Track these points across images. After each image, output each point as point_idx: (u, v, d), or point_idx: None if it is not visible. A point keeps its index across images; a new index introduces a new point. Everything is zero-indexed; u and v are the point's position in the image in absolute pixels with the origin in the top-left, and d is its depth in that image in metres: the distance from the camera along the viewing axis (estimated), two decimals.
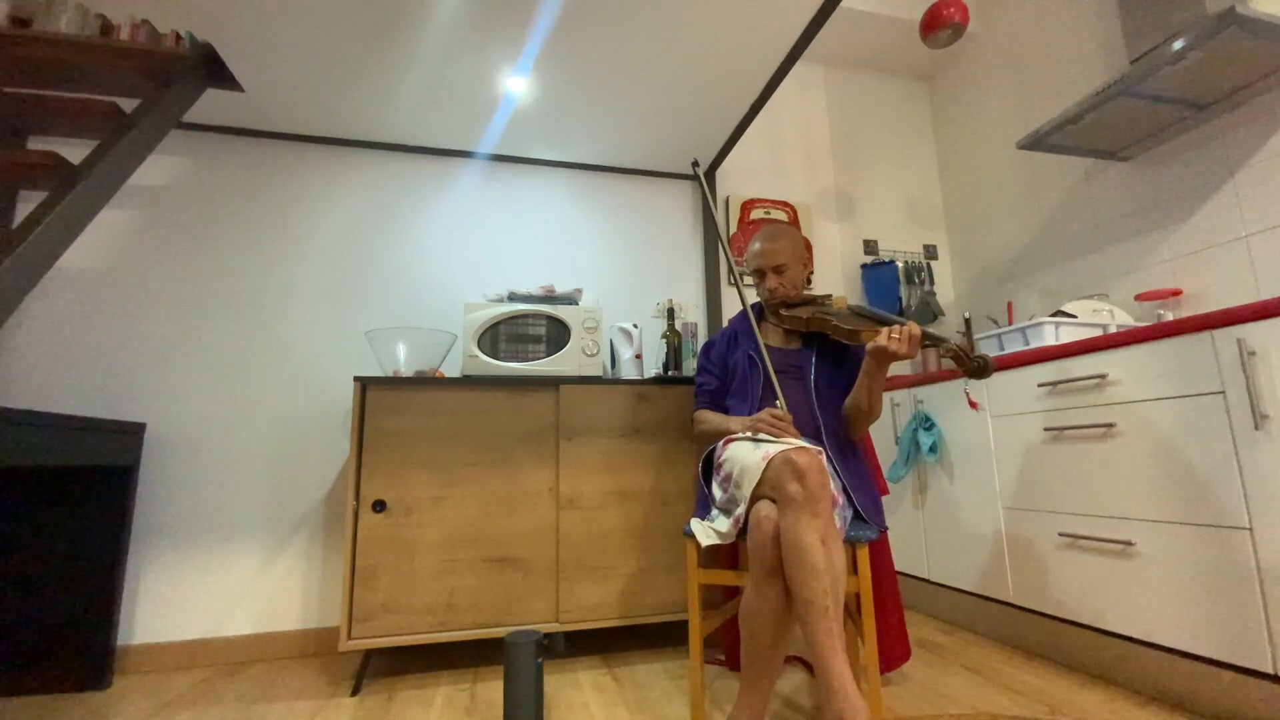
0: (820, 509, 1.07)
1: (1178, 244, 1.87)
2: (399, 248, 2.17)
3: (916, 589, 2.09)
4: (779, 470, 1.12)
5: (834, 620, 1.01)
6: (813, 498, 1.07)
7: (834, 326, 1.41)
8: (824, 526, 1.06)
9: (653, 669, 1.62)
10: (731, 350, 1.58)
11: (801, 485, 1.08)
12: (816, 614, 1.01)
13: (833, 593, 1.02)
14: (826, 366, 1.48)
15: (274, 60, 1.72)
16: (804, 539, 1.04)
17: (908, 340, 1.25)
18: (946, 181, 2.88)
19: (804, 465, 1.09)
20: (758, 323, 1.58)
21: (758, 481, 1.15)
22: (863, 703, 0.97)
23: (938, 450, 1.94)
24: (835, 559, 1.06)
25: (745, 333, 1.57)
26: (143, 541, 1.79)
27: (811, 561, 1.03)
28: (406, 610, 1.56)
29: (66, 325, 1.84)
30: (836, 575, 1.04)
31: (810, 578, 1.02)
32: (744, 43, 1.74)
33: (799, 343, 1.53)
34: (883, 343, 1.26)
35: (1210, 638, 1.20)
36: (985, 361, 1.26)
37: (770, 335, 1.57)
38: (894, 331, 1.27)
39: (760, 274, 1.53)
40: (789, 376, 1.47)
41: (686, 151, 2.34)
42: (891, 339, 1.26)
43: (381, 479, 1.60)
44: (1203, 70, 1.57)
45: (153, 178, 1.98)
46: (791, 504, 1.08)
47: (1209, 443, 1.21)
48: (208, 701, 1.49)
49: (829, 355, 1.50)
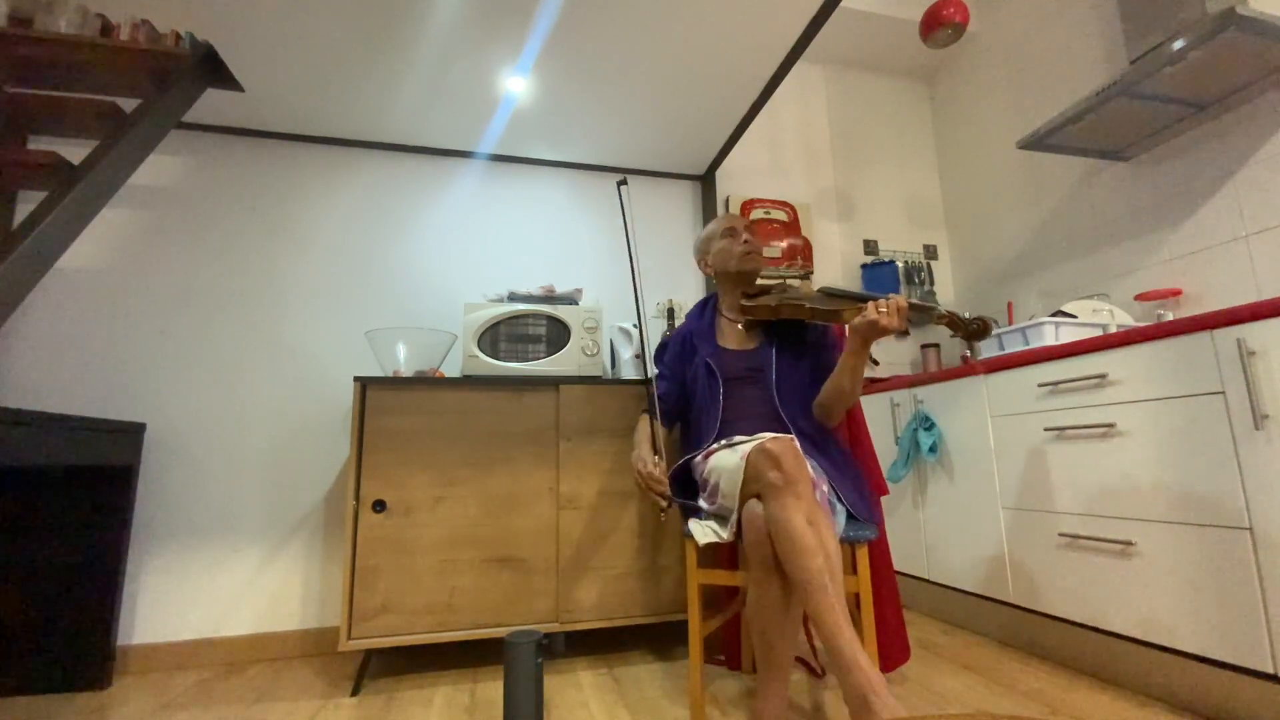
0: (801, 490, 1.07)
1: (1178, 244, 1.87)
2: (399, 248, 2.17)
3: (916, 589, 2.09)
4: (756, 463, 1.12)
5: (835, 597, 0.99)
6: (791, 480, 1.07)
7: (810, 310, 1.36)
8: (808, 507, 1.06)
9: (653, 669, 1.62)
10: (687, 357, 1.54)
11: (779, 470, 1.08)
12: (816, 592, 0.99)
13: (829, 569, 1.01)
14: (787, 363, 1.44)
15: (274, 60, 1.72)
16: (790, 522, 1.04)
17: (896, 312, 1.23)
18: (946, 181, 2.88)
19: (777, 451, 1.10)
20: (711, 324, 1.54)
21: (742, 481, 1.15)
22: (879, 674, 0.94)
23: (938, 450, 1.94)
24: (826, 538, 1.04)
25: (701, 334, 1.52)
26: (143, 541, 1.79)
27: (802, 543, 1.02)
28: (406, 610, 1.56)
29: (66, 325, 1.84)
30: (829, 553, 1.03)
31: (803, 558, 1.01)
32: (744, 43, 1.74)
33: (756, 341, 1.49)
34: (872, 317, 1.23)
35: (1210, 638, 1.20)
36: (983, 322, 1.26)
37: (727, 336, 1.51)
38: (881, 305, 1.23)
39: (733, 232, 1.48)
40: (748, 382, 1.43)
41: (686, 151, 2.34)
42: (880, 312, 1.23)
43: (381, 479, 1.60)
44: (1203, 70, 1.57)
45: (153, 178, 1.98)
46: (772, 490, 1.08)
47: (1209, 443, 1.21)
48: (208, 701, 1.49)
49: (788, 350, 1.45)
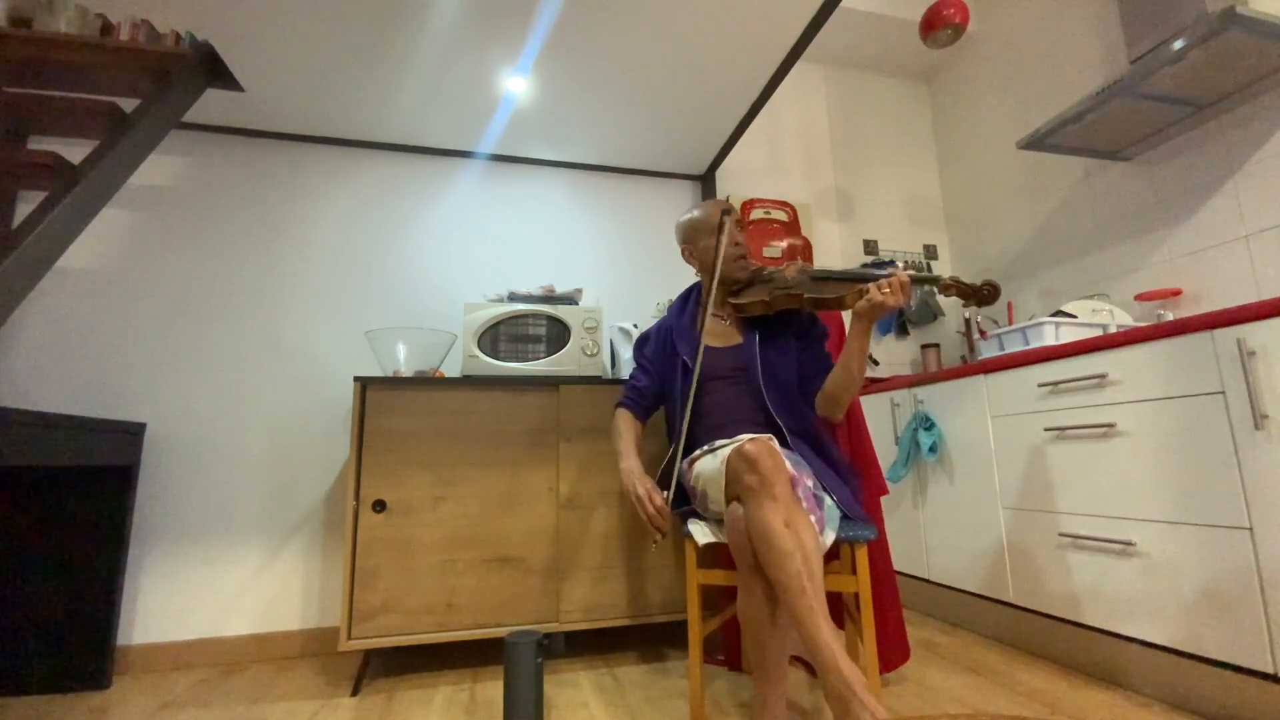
0: (777, 492, 1.06)
1: (1178, 244, 1.87)
2: (399, 248, 2.17)
3: (916, 589, 2.09)
4: (734, 466, 1.12)
5: (813, 597, 0.99)
6: (767, 482, 1.06)
7: (808, 300, 1.31)
8: (786, 509, 1.05)
9: (653, 669, 1.62)
10: (668, 353, 1.51)
11: (755, 472, 1.08)
12: (794, 595, 0.99)
13: (807, 571, 1.00)
14: (773, 357, 1.40)
15: (274, 60, 1.72)
16: (767, 524, 1.04)
17: (900, 288, 1.21)
18: (946, 181, 2.89)
19: (753, 453, 1.09)
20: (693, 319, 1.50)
21: (724, 485, 1.15)
22: (859, 673, 0.93)
23: (938, 450, 1.94)
24: (804, 538, 1.03)
25: (681, 332, 1.49)
26: (143, 541, 1.79)
27: (779, 545, 1.02)
28: (406, 610, 1.56)
29: (66, 325, 1.84)
30: (808, 554, 1.02)
31: (780, 559, 1.01)
32: (744, 43, 1.74)
33: (740, 336, 1.45)
34: (876, 298, 1.20)
35: (1210, 638, 1.20)
36: (993, 286, 1.25)
37: (710, 332, 1.47)
38: (884, 285, 1.21)
39: (721, 229, 1.39)
40: (731, 382, 1.40)
41: (686, 151, 2.34)
42: (883, 292, 1.20)
43: (381, 479, 1.60)
44: (1203, 70, 1.57)
45: (153, 178, 1.98)
46: (749, 492, 1.08)
47: (1209, 443, 1.21)
48: (208, 701, 1.49)
49: (774, 343, 1.41)
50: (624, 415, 1.50)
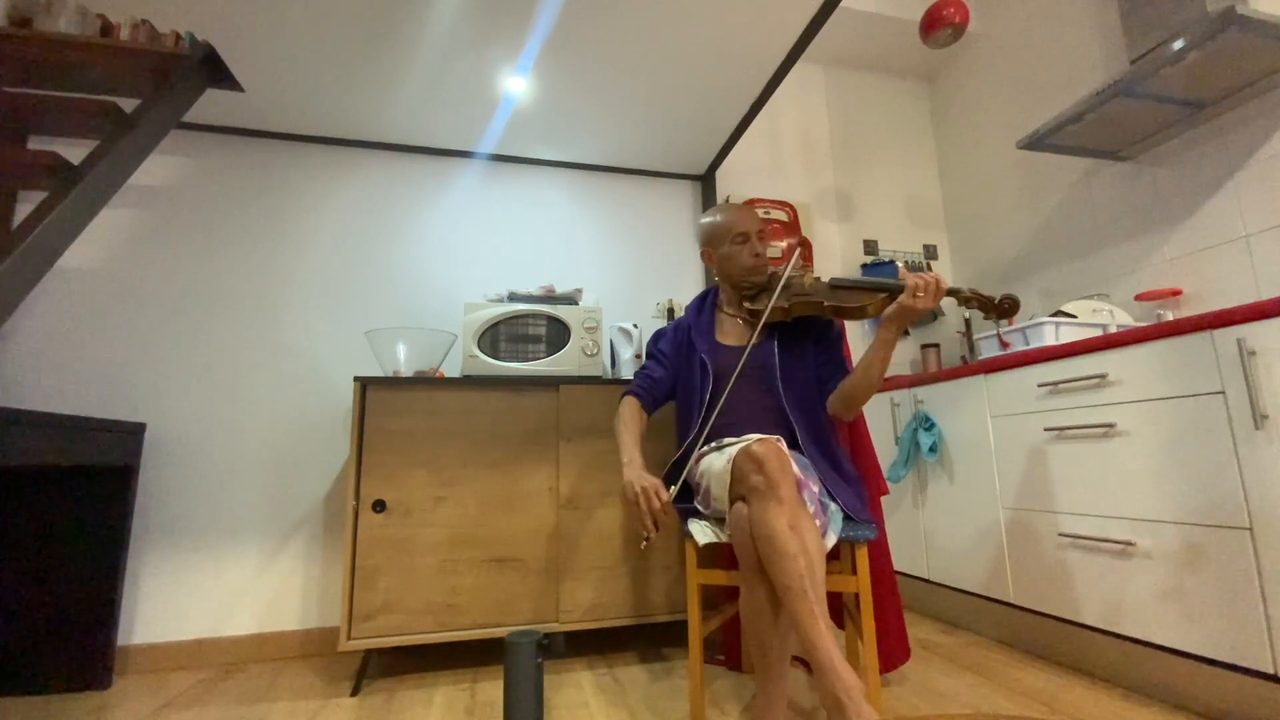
0: (783, 494, 1.06)
1: (1178, 244, 1.87)
2: (399, 248, 2.17)
3: (916, 589, 2.09)
4: (740, 466, 1.12)
5: (815, 602, 1.00)
6: (773, 484, 1.07)
7: (831, 309, 1.31)
8: (790, 511, 1.05)
9: (653, 669, 1.62)
10: (684, 351, 1.50)
11: (762, 474, 1.08)
12: (796, 598, 1.00)
13: (809, 575, 1.01)
14: (790, 359, 1.40)
15: (274, 60, 1.72)
16: (772, 526, 1.04)
17: (935, 293, 1.21)
18: (946, 181, 2.88)
19: (761, 454, 1.09)
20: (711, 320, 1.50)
21: (729, 484, 1.15)
22: (855, 679, 0.94)
23: (938, 450, 1.94)
24: (808, 541, 1.04)
25: (700, 330, 1.49)
26: (143, 541, 1.79)
27: (782, 547, 1.02)
28: (406, 610, 1.56)
29: (66, 325, 1.84)
30: (811, 558, 1.03)
31: (784, 562, 1.01)
32: (744, 43, 1.74)
33: (758, 337, 1.44)
34: (909, 303, 1.21)
35: (1210, 638, 1.20)
36: (1013, 300, 1.26)
37: (727, 333, 1.48)
38: (918, 289, 1.21)
39: (744, 238, 1.43)
40: (749, 379, 1.39)
41: (686, 151, 2.34)
42: (917, 297, 1.20)
43: (381, 479, 1.60)
44: (1203, 70, 1.57)
45: (153, 178, 1.98)
46: (755, 494, 1.08)
47: (1209, 443, 1.21)
48: (208, 701, 1.49)
49: (791, 345, 1.42)
50: (631, 404, 1.46)
